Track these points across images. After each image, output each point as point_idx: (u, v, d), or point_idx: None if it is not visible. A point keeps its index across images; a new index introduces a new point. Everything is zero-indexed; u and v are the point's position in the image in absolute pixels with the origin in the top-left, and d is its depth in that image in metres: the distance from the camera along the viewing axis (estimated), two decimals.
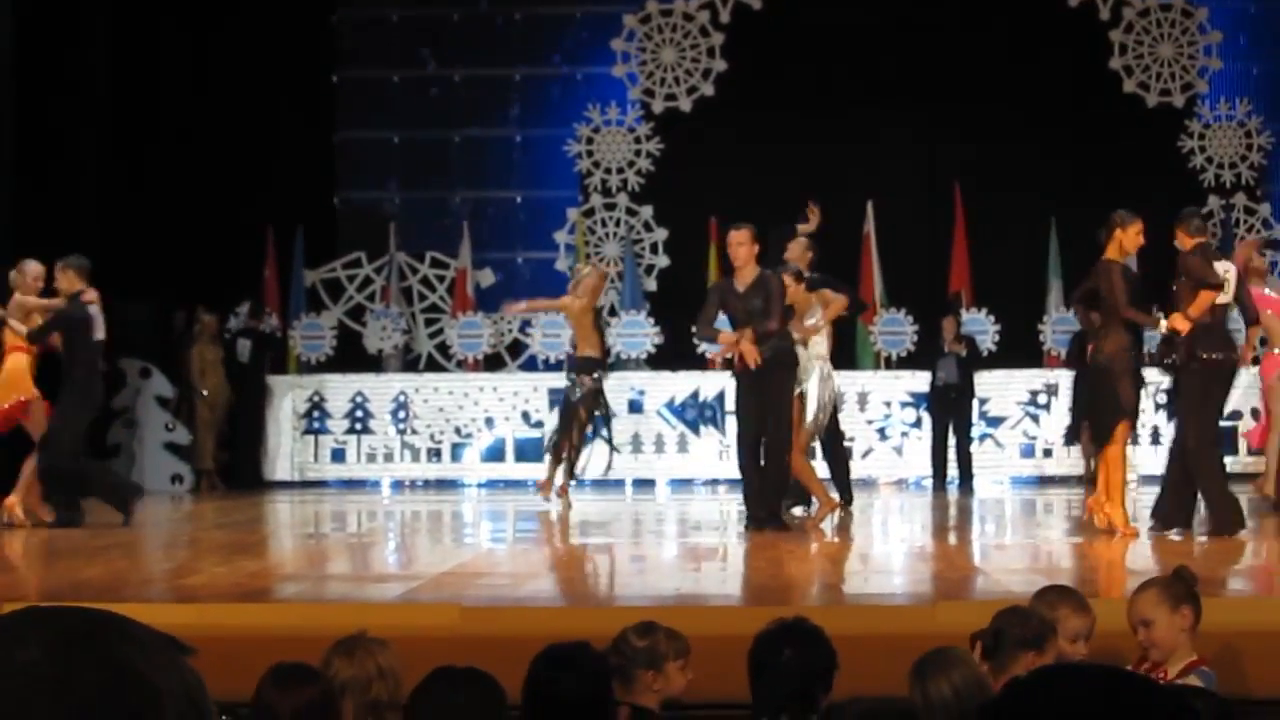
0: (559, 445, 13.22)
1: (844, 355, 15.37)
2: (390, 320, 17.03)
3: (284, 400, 16.44)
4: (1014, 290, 16.68)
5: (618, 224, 17.70)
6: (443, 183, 17.97)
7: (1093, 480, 10.47)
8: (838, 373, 11.97)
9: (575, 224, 17.60)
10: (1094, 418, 10.45)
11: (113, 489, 11.56)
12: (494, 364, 17.09)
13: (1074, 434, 15.77)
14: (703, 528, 12.17)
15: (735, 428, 11.18)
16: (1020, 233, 16.77)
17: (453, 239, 17.42)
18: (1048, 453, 16.19)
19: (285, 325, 16.97)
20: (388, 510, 14.25)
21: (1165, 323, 9.60)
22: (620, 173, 17.75)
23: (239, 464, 16.40)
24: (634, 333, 16.68)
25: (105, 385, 11.82)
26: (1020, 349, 16.42)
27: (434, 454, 16.41)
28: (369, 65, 17.83)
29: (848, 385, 15.71)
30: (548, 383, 16.11)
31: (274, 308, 17.01)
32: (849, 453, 13.15)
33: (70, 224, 14.77)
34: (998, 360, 16.30)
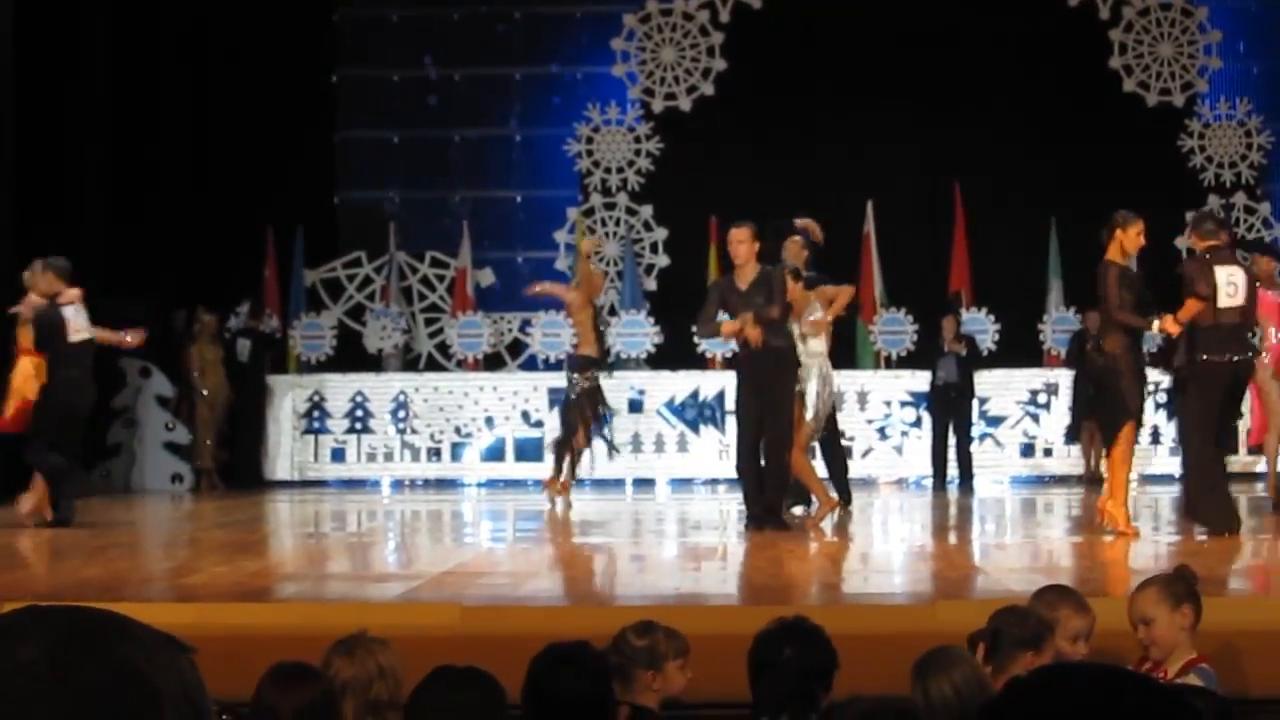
0: (562, 444, 13.22)
1: (844, 355, 15.37)
2: (390, 320, 17.03)
3: (284, 400, 16.44)
4: (1014, 290, 16.68)
5: (618, 223, 17.70)
6: (443, 182, 17.96)
7: (1095, 480, 10.47)
8: (838, 372, 11.97)
9: (575, 223, 17.60)
10: (1101, 418, 10.47)
11: (68, 495, 11.33)
12: (494, 363, 17.10)
13: (1074, 433, 15.78)
14: (703, 527, 12.16)
15: (735, 427, 11.18)
16: (1020, 232, 16.77)
17: (453, 238, 17.42)
18: (1048, 452, 16.19)
19: (285, 325, 16.97)
20: (388, 510, 14.25)
21: (1157, 324, 9.61)
22: (620, 172, 17.74)
23: (239, 463, 16.39)
24: (634, 332, 16.68)
25: (98, 384, 11.71)
26: (1020, 348, 16.42)
27: (434, 453, 16.41)
28: (369, 65, 17.83)
29: (848, 385, 15.72)
30: (548, 382, 16.11)
31: (274, 307, 17.01)
32: (848, 452, 13.16)
33: (71, 223, 14.76)
34: (998, 360, 16.31)
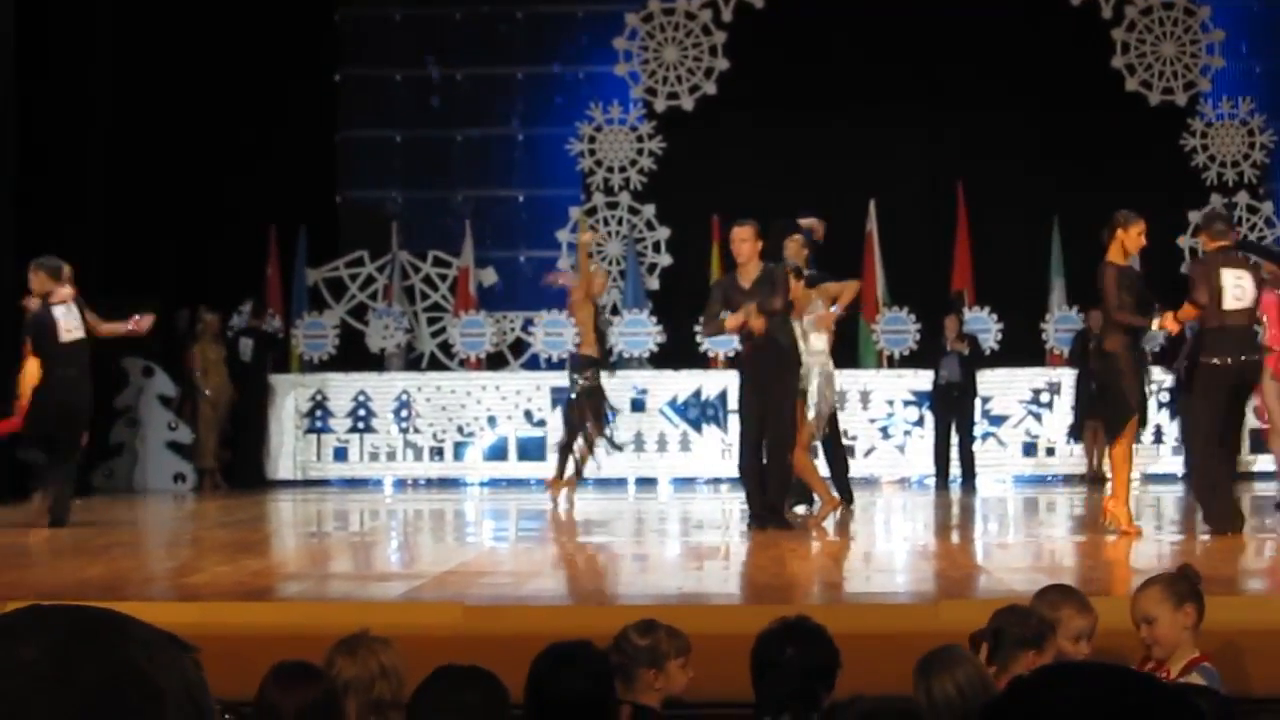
0: (565, 444, 13.22)
1: (846, 354, 15.37)
2: (393, 319, 17.03)
3: (286, 399, 16.44)
4: (1016, 289, 16.67)
5: (620, 223, 17.69)
6: (445, 181, 17.96)
7: (1098, 479, 10.47)
8: (840, 371, 11.97)
9: (578, 223, 17.59)
10: (1104, 417, 10.48)
11: (62, 499, 11.29)
12: (496, 363, 17.09)
13: (1077, 433, 15.78)
14: (705, 526, 12.16)
15: (737, 426, 11.17)
16: (1022, 231, 16.76)
17: (455, 238, 17.42)
18: (1050, 451, 16.19)
19: (288, 324, 16.97)
20: (390, 509, 14.25)
21: (1157, 322, 9.62)
22: (622, 171, 17.74)
23: (241, 463, 16.39)
24: (636, 331, 16.68)
25: (99, 383, 11.70)
26: (1023, 347, 16.42)
27: (436, 453, 16.42)
28: (371, 64, 17.82)
29: (850, 384, 15.72)
30: (550, 381, 16.11)
31: (276, 307, 17.01)
32: (850, 451, 13.14)
33: (73, 223, 14.76)
34: (1000, 359, 16.30)
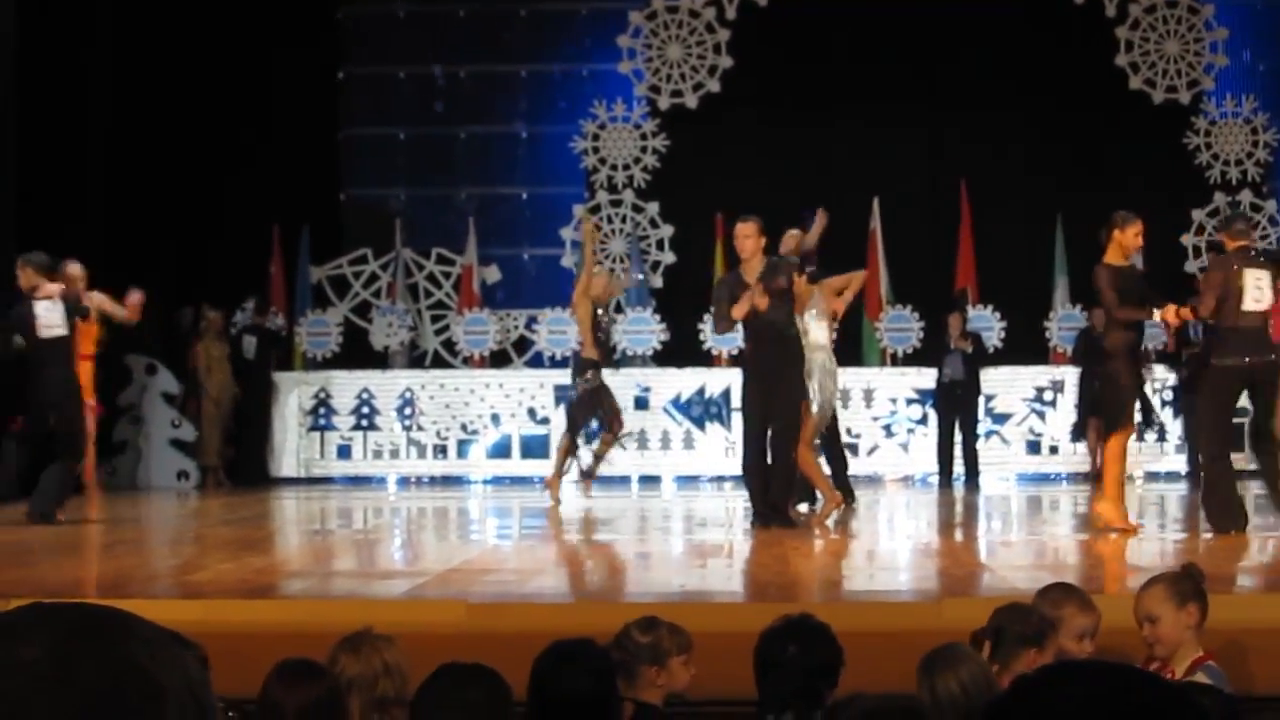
0: (565, 444, 13.21)
1: (850, 352, 15.37)
2: (396, 317, 17.02)
3: (290, 397, 16.45)
4: (1020, 287, 16.66)
5: (624, 220, 17.68)
6: (448, 179, 17.95)
7: (1101, 478, 10.47)
8: (844, 369, 11.95)
9: (580, 220, 17.58)
10: (1102, 414, 10.51)
11: (44, 492, 11.24)
12: (500, 360, 17.09)
13: (1080, 431, 15.76)
14: (708, 524, 12.17)
15: (741, 424, 11.16)
16: (1026, 229, 16.75)
17: (458, 235, 17.41)
18: (1054, 449, 16.19)
19: (291, 322, 16.97)
20: (394, 507, 14.26)
21: (1158, 314, 9.63)
22: (626, 169, 17.73)
23: (245, 460, 16.40)
24: (640, 329, 16.67)
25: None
26: (1026, 346, 16.41)
27: (440, 450, 16.42)
28: (374, 62, 17.82)
29: (854, 382, 15.71)
30: (554, 379, 16.12)
31: (280, 304, 17.01)
32: (852, 449, 13.12)
33: (75, 221, 14.77)
34: (1004, 357, 16.29)
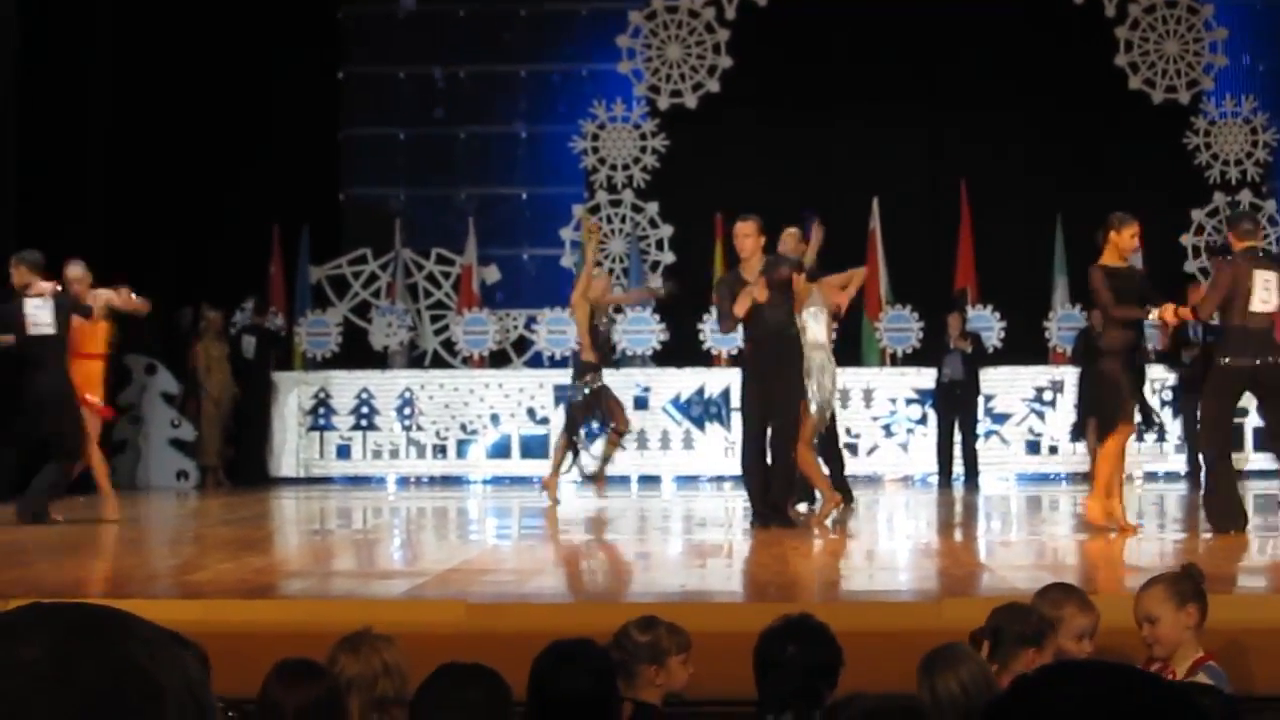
0: (562, 444, 13.19)
1: (850, 352, 15.37)
2: (396, 317, 17.02)
3: (289, 397, 16.45)
4: (1019, 287, 16.66)
5: (623, 220, 17.68)
6: (448, 179, 17.95)
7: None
8: (843, 369, 11.95)
9: (581, 220, 17.58)
10: (1099, 414, 10.52)
11: (35, 491, 11.21)
12: (499, 360, 17.09)
13: (1079, 431, 15.76)
14: (708, 524, 12.16)
15: (740, 424, 11.16)
16: (1026, 229, 16.75)
17: (458, 235, 17.42)
18: (1053, 449, 16.19)
19: (291, 322, 16.97)
20: (393, 507, 14.26)
21: (1155, 312, 9.64)
22: (626, 169, 17.73)
23: (244, 460, 16.40)
24: (639, 329, 16.67)
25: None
26: (1026, 346, 16.41)
27: (439, 450, 16.42)
28: (374, 62, 17.82)
29: (853, 382, 15.71)
30: (553, 379, 16.12)
31: (279, 304, 17.01)
32: (852, 449, 13.11)
33: (75, 222, 14.77)
34: (1003, 357, 16.29)
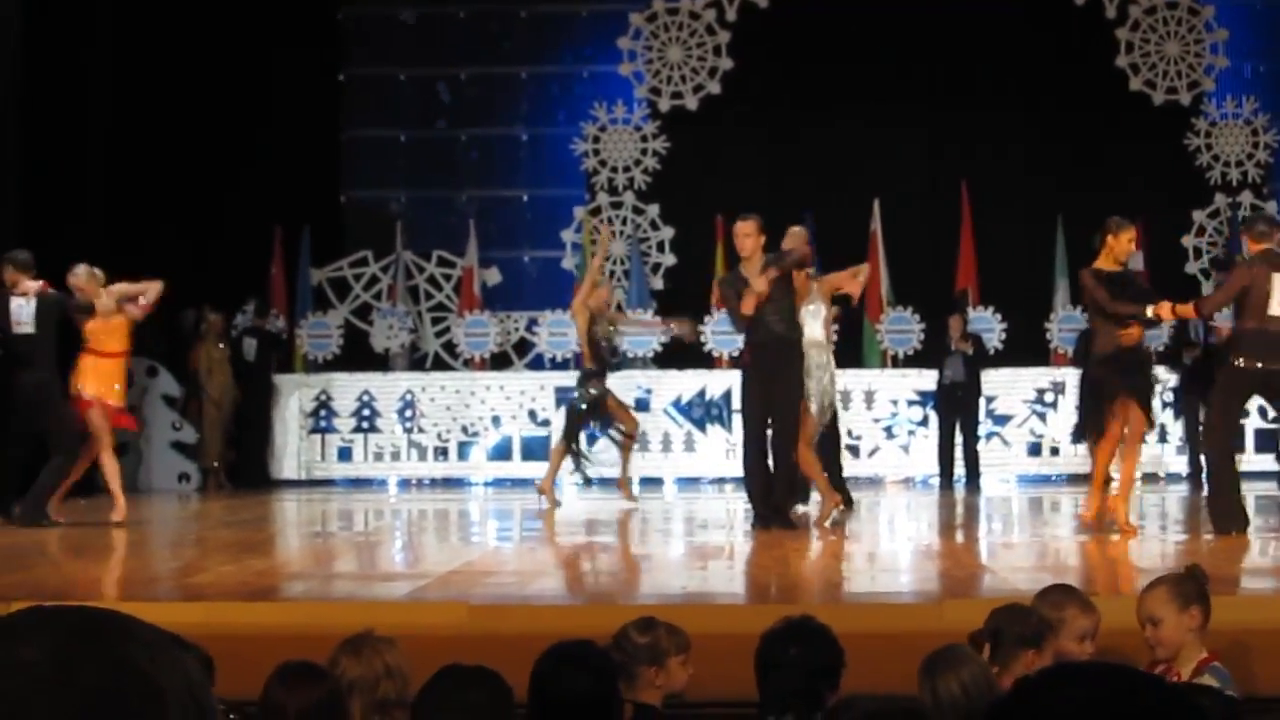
0: (559, 448, 13.18)
1: (850, 353, 15.38)
2: (397, 319, 17.02)
3: (290, 399, 16.45)
4: (1021, 288, 16.65)
5: (624, 222, 17.68)
6: (449, 181, 17.95)
7: (1105, 480, 10.52)
8: (844, 371, 11.94)
9: (582, 223, 17.59)
10: (1090, 415, 10.55)
11: (34, 495, 11.23)
12: (501, 363, 17.09)
13: (1081, 432, 15.73)
14: (709, 526, 12.16)
15: (741, 426, 11.16)
16: (1027, 231, 16.75)
17: (459, 238, 17.42)
18: (1055, 451, 16.17)
19: (292, 324, 16.97)
20: (394, 509, 14.25)
21: (1151, 309, 9.65)
22: (627, 171, 17.73)
23: (246, 463, 16.40)
24: (641, 331, 16.65)
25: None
26: (1027, 347, 16.41)
27: (441, 453, 16.42)
28: (375, 63, 17.82)
29: (855, 384, 15.71)
30: (554, 381, 16.13)
31: (281, 306, 17.00)
32: (852, 451, 13.09)
33: (76, 223, 14.78)
34: (1004, 358, 16.29)
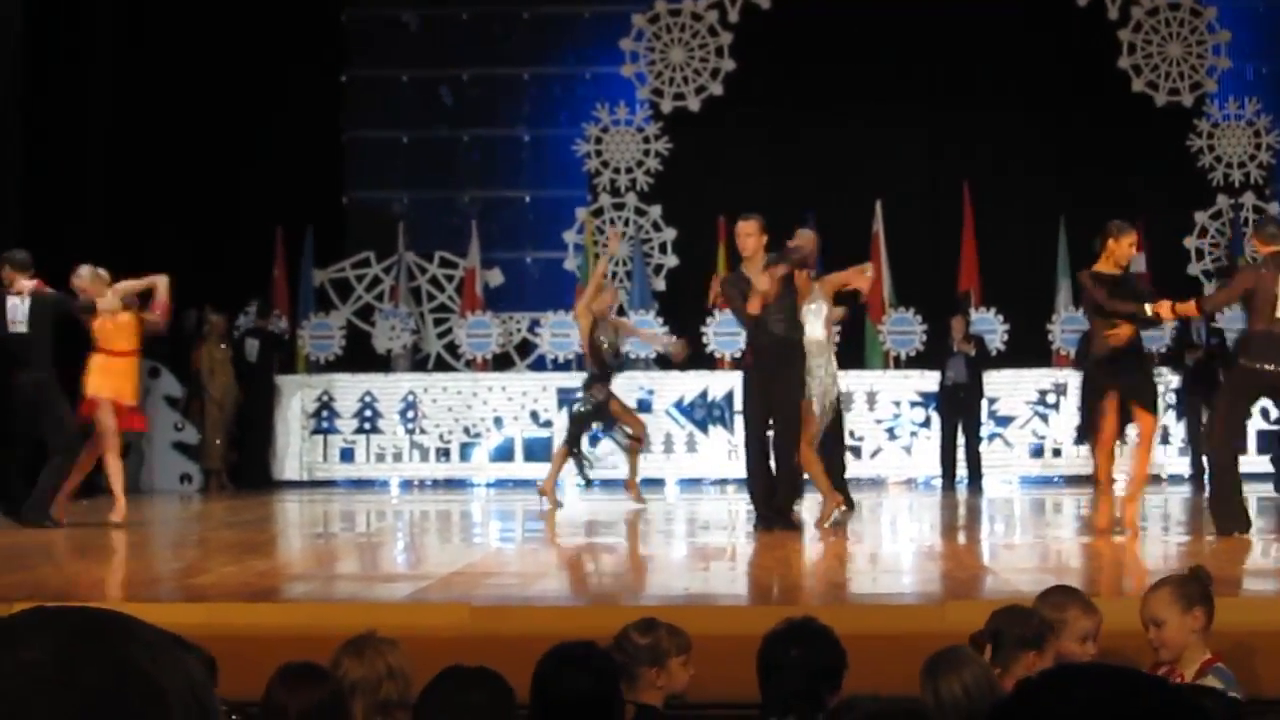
0: (561, 451, 13.17)
1: (853, 355, 15.38)
2: (399, 320, 17.03)
3: (293, 400, 16.45)
4: (1023, 290, 16.65)
5: (626, 224, 17.67)
6: (451, 182, 17.95)
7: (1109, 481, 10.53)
8: (846, 372, 11.93)
9: (584, 224, 17.58)
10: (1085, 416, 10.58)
11: (39, 496, 11.22)
12: (503, 364, 17.09)
13: (1083, 434, 15.73)
14: (711, 527, 12.16)
15: (743, 428, 11.16)
16: (1029, 232, 16.75)
17: (461, 239, 17.42)
18: (1057, 452, 16.17)
19: (294, 325, 16.97)
20: (396, 510, 14.25)
21: (1150, 308, 9.65)
22: (629, 172, 17.73)
23: (248, 464, 16.40)
24: (640, 342, 16.63)
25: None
26: (1029, 348, 16.41)
27: (443, 454, 16.42)
28: (377, 65, 17.83)
29: (857, 385, 15.70)
30: (556, 382, 16.12)
31: (283, 307, 17.00)
32: (856, 452, 13.07)
33: (77, 223, 14.78)
34: (1007, 360, 16.28)
